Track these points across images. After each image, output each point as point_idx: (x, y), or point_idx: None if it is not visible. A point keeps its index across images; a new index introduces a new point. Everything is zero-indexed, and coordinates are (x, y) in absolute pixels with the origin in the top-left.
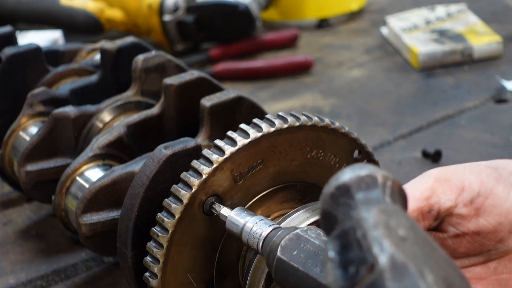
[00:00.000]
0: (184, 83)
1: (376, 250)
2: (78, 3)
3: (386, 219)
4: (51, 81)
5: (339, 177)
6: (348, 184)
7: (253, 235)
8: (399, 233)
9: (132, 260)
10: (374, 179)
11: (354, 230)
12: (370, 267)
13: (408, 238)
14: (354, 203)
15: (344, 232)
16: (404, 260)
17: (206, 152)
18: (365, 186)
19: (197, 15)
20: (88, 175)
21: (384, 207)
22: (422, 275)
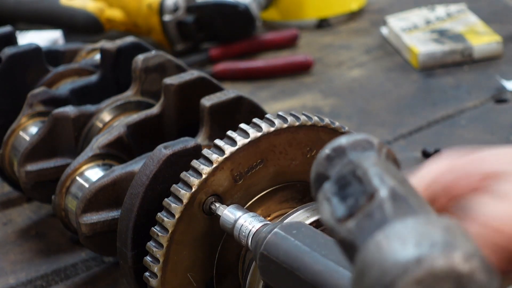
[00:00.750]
0: (184, 83)
1: (376, 182)
2: (78, 3)
3: (383, 165)
4: (51, 81)
5: (335, 140)
6: (344, 146)
7: (243, 230)
8: (397, 177)
9: (132, 260)
10: (370, 143)
11: (353, 171)
12: (370, 196)
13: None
14: (349, 161)
15: (342, 175)
16: (405, 193)
17: (206, 152)
18: (361, 148)
19: (197, 15)
20: (88, 175)
21: (379, 161)
22: (424, 210)
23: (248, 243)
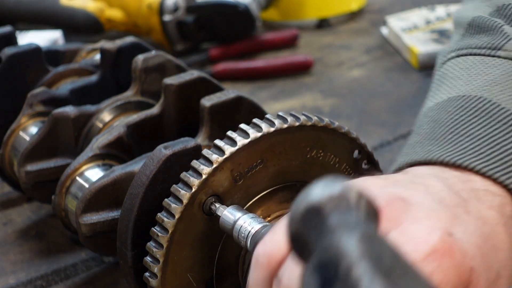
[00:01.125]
0: (184, 83)
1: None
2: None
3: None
4: (51, 81)
5: (309, 195)
6: (319, 205)
7: (243, 231)
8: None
9: (132, 260)
10: (348, 197)
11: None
12: None
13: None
14: (329, 228)
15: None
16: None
17: (206, 152)
18: (339, 206)
19: (197, 15)
20: (88, 175)
21: (364, 233)
22: None
23: (247, 244)
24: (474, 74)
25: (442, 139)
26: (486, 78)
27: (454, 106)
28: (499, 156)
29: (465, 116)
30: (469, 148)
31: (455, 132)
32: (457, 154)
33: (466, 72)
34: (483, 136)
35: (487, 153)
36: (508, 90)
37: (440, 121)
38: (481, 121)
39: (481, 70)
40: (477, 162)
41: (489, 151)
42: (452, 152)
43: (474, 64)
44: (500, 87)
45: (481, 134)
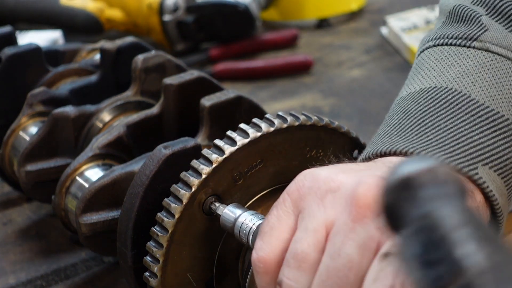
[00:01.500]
0: (184, 83)
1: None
2: (78, 3)
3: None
4: (51, 81)
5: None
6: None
7: (244, 228)
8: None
9: (132, 259)
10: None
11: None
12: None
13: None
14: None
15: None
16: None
17: (205, 152)
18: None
19: (197, 15)
20: (88, 175)
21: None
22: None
23: (249, 240)
24: (447, 65)
25: (409, 130)
26: (459, 69)
27: (424, 98)
28: (464, 147)
29: (434, 108)
30: (434, 140)
31: (422, 124)
32: (422, 146)
33: (440, 63)
34: (450, 127)
35: (451, 144)
36: (480, 82)
37: (410, 112)
38: (449, 113)
39: (455, 61)
40: (441, 154)
41: (455, 143)
42: (417, 144)
43: (448, 55)
44: (472, 79)
45: (448, 125)
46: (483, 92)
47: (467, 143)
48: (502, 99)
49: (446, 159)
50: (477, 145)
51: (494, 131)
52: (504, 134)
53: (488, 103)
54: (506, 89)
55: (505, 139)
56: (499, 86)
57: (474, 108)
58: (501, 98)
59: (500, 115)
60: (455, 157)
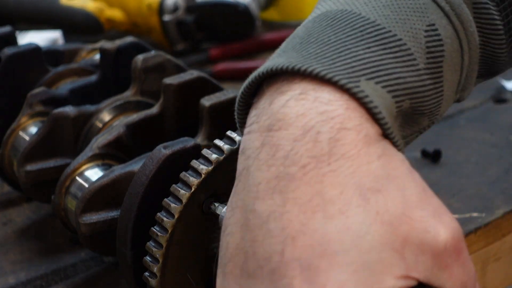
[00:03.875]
0: (183, 83)
1: None
2: (78, 3)
3: None
4: (50, 81)
5: None
6: None
7: None
8: None
9: (131, 259)
10: None
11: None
12: None
13: None
14: None
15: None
16: None
17: (205, 152)
18: None
19: (197, 15)
20: (87, 174)
21: None
22: None
23: None
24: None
25: (291, 49)
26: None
27: (312, 22)
28: (345, 60)
29: (320, 27)
30: (313, 53)
31: (304, 42)
32: (299, 60)
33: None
34: (332, 41)
35: (332, 57)
36: (373, 2)
37: (296, 35)
38: (334, 29)
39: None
40: (318, 66)
41: (335, 55)
42: (294, 59)
43: None
44: (365, 0)
45: (331, 40)
46: (375, 11)
47: (350, 57)
48: (396, 20)
49: (323, 70)
50: (361, 59)
51: (384, 49)
52: (395, 53)
53: (380, 21)
54: (402, 10)
55: (396, 58)
56: (394, 7)
57: (363, 24)
58: (395, 18)
59: (391, 33)
60: (334, 69)
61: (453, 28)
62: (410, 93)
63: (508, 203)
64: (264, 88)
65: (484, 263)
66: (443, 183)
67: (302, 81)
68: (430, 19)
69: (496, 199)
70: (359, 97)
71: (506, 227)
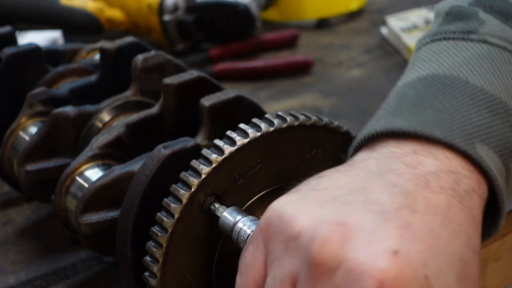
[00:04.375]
0: (183, 83)
1: None
2: (78, 3)
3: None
4: (50, 81)
5: None
6: None
7: (242, 234)
8: None
9: (131, 259)
10: None
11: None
12: None
13: None
14: None
15: None
16: None
17: (205, 152)
18: None
19: (197, 15)
20: (87, 174)
21: None
22: None
23: None
24: (445, 56)
25: (407, 112)
26: (456, 59)
27: (422, 84)
28: (461, 126)
29: (431, 91)
30: (431, 119)
31: (419, 105)
32: (419, 124)
33: (438, 54)
34: (447, 108)
35: (449, 122)
36: (478, 69)
37: (406, 97)
38: (446, 95)
39: (453, 52)
40: (436, 130)
41: (452, 121)
42: (414, 123)
43: (446, 47)
44: (470, 67)
45: (445, 106)
46: (481, 78)
47: (465, 122)
48: (500, 85)
49: (444, 137)
50: (475, 124)
51: (493, 113)
52: (503, 116)
53: (486, 87)
54: (504, 76)
55: (503, 121)
56: (497, 73)
57: (472, 90)
58: (499, 84)
59: (498, 98)
60: (453, 135)
61: None
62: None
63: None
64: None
65: (484, 263)
66: None
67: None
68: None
69: None
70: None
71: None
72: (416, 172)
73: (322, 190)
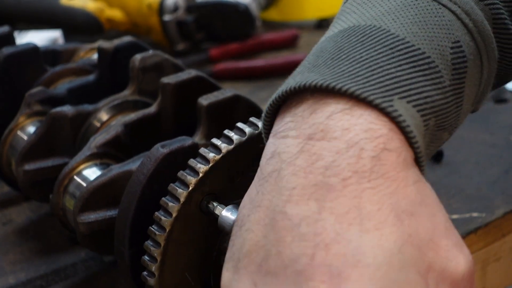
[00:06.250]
0: (181, 82)
1: None
2: (78, 3)
3: None
4: (48, 80)
5: None
6: None
7: None
8: None
9: (129, 258)
10: None
11: None
12: None
13: None
14: None
15: None
16: None
17: (203, 151)
18: None
19: (197, 15)
20: (85, 174)
21: None
22: None
23: None
24: (368, 7)
25: (323, 65)
26: (380, 9)
27: (341, 36)
28: (379, 79)
29: (350, 43)
30: (346, 71)
31: (336, 58)
32: (333, 78)
33: (362, 6)
34: (365, 59)
35: (365, 75)
36: (401, 19)
37: (325, 49)
38: (365, 46)
39: (377, 2)
40: (352, 85)
41: (369, 74)
42: (328, 76)
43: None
44: (393, 16)
45: (363, 57)
46: (404, 28)
47: (383, 75)
48: (424, 37)
49: (359, 89)
50: (393, 77)
51: (414, 66)
52: (424, 71)
53: (409, 38)
54: (429, 27)
55: (425, 76)
56: (422, 24)
57: (393, 41)
58: (423, 35)
59: (420, 51)
60: (369, 88)
61: (475, 45)
62: (436, 111)
63: (508, 203)
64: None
65: (484, 263)
66: (443, 183)
67: (339, 98)
68: (455, 36)
69: (496, 199)
70: (393, 116)
71: (506, 227)
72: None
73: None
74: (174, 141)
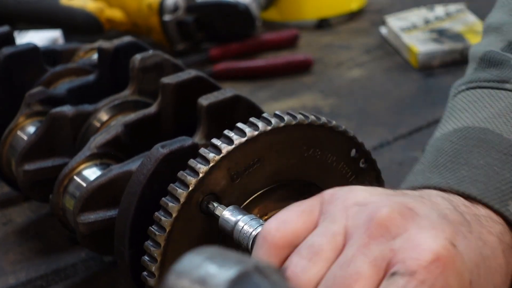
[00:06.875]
0: (181, 82)
1: None
2: (78, 3)
3: None
4: (48, 80)
5: None
6: None
7: (244, 234)
8: None
9: (129, 259)
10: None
11: None
12: None
13: None
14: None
15: None
16: None
17: (203, 151)
18: None
19: (197, 15)
20: (85, 174)
21: None
22: None
23: (249, 246)
24: (480, 107)
25: (443, 167)
26: (491, 110)
27: (457, 137)
28: (495, 184)
29: (467, 146)
30: (466, 176)
31: (455, 161)
32: (455, 182)
33: (473, 104)
34: (482, 165)
35: (483, 181)
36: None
37: (443, 150)
38: (481, 151)
39: (487, 102)
40: (474, 190)
41: (486, 180)
42: (450, 179)
43: (481, 97)
44: (504, 119)
45: (480, 163)
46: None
47: (499, 180)
48: None
49: (478, 195)
50: (508, 182)
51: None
52: None
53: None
54: None
55: None
56: None
57: (506, 146)
58: None
59: None
60: (487, 194)
61: None
62: None
63: None
64: None
65: None
66: None
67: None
68: None
69: None
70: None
71: None
72: (470, 211)
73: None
74: (174, 141)
